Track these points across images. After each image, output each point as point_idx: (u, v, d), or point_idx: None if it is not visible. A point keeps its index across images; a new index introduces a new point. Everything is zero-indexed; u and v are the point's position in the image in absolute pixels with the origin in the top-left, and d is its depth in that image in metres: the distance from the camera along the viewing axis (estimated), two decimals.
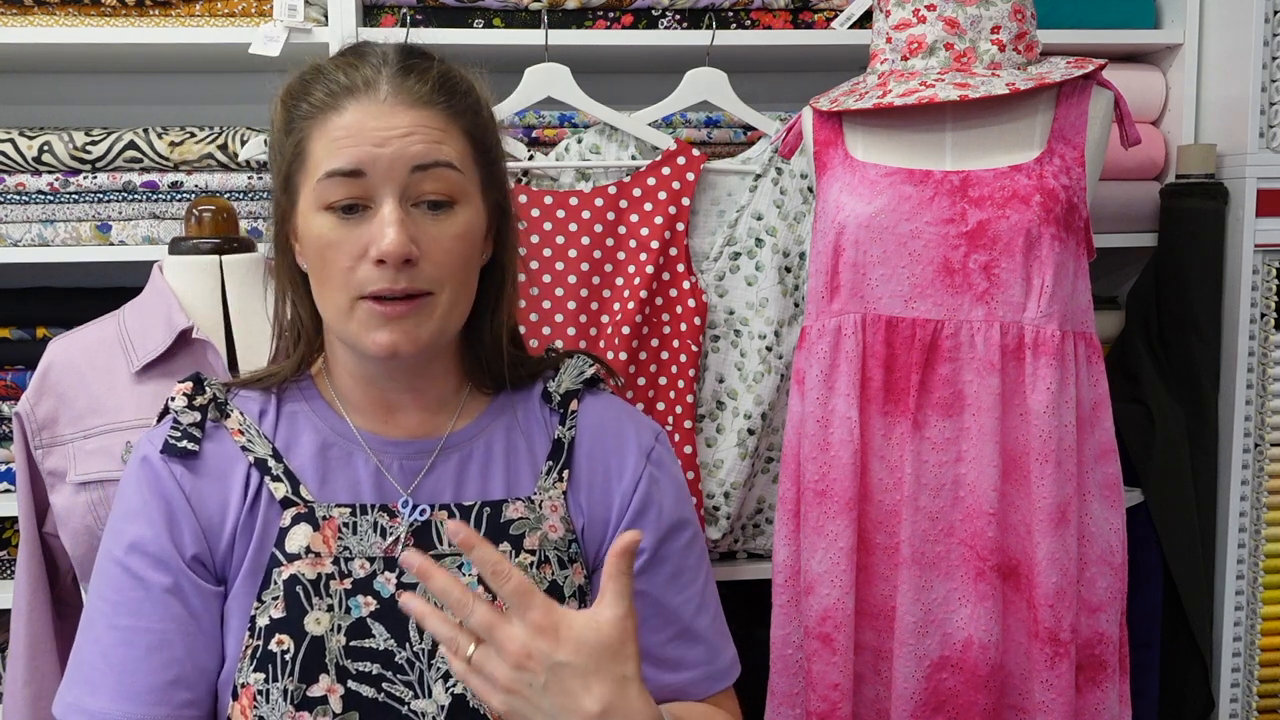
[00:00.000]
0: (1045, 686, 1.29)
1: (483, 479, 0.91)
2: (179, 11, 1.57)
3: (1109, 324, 1.78)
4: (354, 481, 0.88)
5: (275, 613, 0.83)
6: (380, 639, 0.84)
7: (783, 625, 1.41)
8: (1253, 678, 1.68)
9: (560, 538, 0.90)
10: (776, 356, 1.60)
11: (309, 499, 0.86)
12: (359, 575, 0.85)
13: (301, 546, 0.84)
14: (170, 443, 0.87)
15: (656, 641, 0.92)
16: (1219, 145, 1.68)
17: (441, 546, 0.87)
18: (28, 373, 1.59)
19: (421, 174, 0.82)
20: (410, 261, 0.81)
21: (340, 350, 0.91)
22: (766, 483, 1.65)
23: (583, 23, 1.66)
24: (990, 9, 1.31)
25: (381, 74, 0.84)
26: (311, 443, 0.89)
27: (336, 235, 0.82)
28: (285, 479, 0.87)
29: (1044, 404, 1.27)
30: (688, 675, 0.93)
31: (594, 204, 1.56)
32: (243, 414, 0.90)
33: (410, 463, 0.90)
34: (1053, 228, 1.28)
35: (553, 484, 0.91)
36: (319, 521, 0.85)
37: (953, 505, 1.33)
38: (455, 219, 0.84)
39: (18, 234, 1.58)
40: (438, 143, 0.83)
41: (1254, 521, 1.66)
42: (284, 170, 0.87)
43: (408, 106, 0.83)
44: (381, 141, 0.81)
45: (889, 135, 1.37)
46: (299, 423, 0.91)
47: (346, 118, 0.82)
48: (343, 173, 0.81)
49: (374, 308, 0.82)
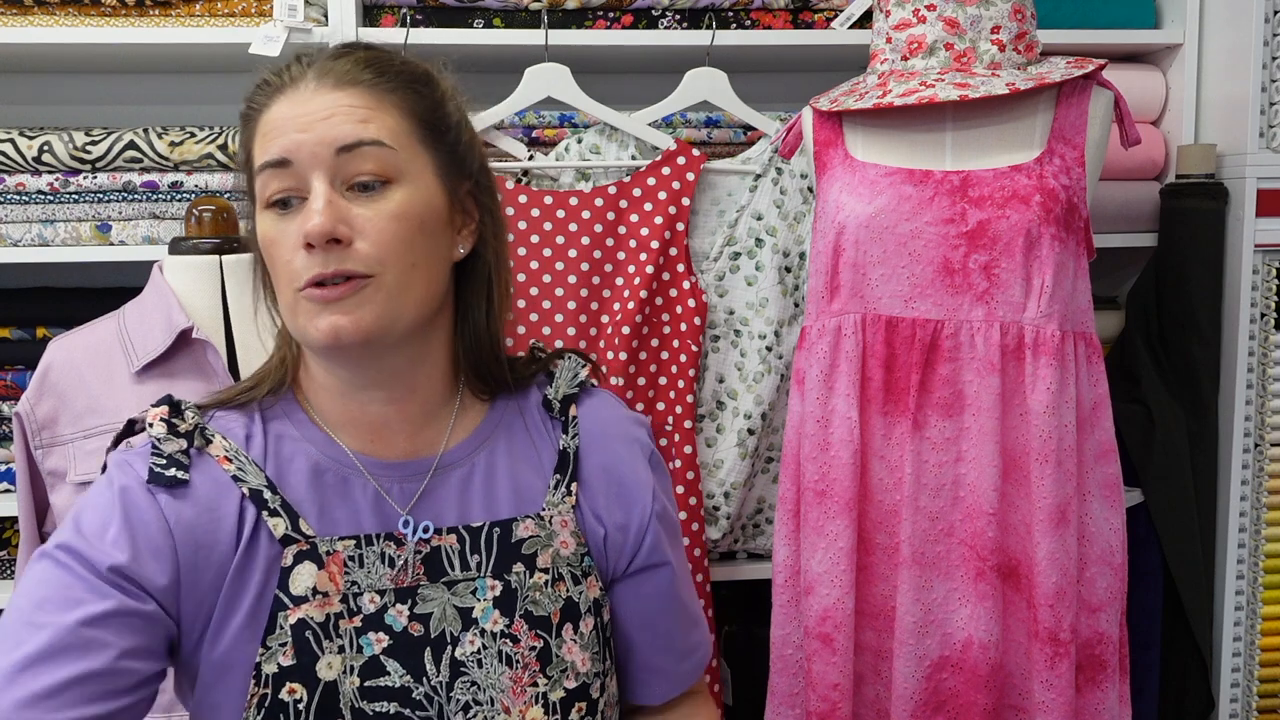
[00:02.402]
0: (1045, 686, 1.29)
1: (487, 496, 0.87)
2: (179, 11, 1.57)
3: (1109, 324, 1.78)
4: (354, 510, 0.83)
5: (284, 660, 0.78)
6: (396, 676, 0.80)
7: (783, 625, 1.41)
8: (1253, 678, 1.68)
9: (572, 553, 0.87)
10: (776, 356, 1.60)
11: (310, 534, 0.81)
12: (369, 610, 0.80)
13: (308, 588, 0.79)
14: (156, 470, 0.79)
15: (679, 637, 0.95)
16: (1219, 145, 1.68)
17: (453, 572, 0.83)
18: (28, 373, 1.59)
19: (349, 154, 0.79)
20: (340, 242, 0.78)
21: (311, 362, 0.86)
22: (766, 483, 1.65)
23: (583, 23, 1.66)
24: (990, 9, 1.31)
25: (311, 67, 0.82)
26: (304, 469, 0.83)
27: (275, 231, 0.80)
28: (284, 513, 0.81)
29: (1044, 404, 1.27)
30: (698, 655, 0.97)
31: (594, 204, 1.56)
32: (226, 439, 0.83)
33: (409, 484, 0.85)
34: (1053, 228, 1.28)
35: (561, 498, 0.88)
36: (323, 558, 0.80)
37: (953, 505, 1.33)
38: (390, 197, 0.80)
39: (18, 234, 1.58)
40: (363, 121, 0.80)
41: (1254, 521, 1.66)
42: (246, 182, 0.86)
43: (330, 89, 0.80)
44: (304, 127, 0.79)
45: (889, 135, 1.37)
46: (287, 447, 0.84)
47: (274, 112, 0.81)
48: (271, 164, 0.79)
49: (312, 295, 0.78)
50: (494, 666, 0.81)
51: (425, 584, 0.82)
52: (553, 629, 0.84)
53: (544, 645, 0.83)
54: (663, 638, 0.93)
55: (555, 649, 0.83)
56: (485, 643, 0.82)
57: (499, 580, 0.84)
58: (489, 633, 0.82)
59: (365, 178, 0.79)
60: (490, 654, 0.82)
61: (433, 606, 0.82)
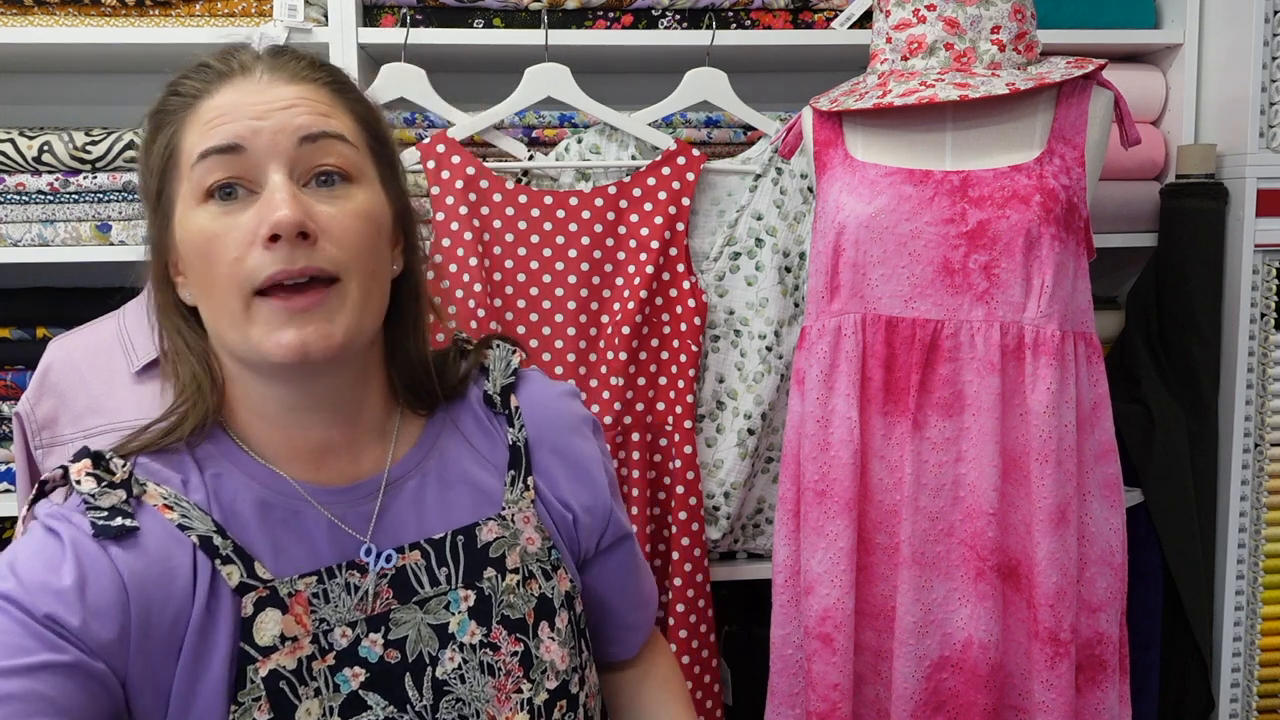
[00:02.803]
0: (1045, 686, 1.29)
1: (444, 505, 0.83)
2: (179, 11, 1.57)
3: (1109, 324, 1.78)
4: (310, 544, 0.77)
5: (260, 716, 0.72)
6: (378, 709, 0.76)
7: (783, 625, 1.41)
8: (1253, 678, 1.68)
9: (539, 549, 0.85)
10: (776, 356, 1.60)
11: (267, 578, 0.74)
12: (342, 646, 0.75)
13: (274, 637, 0.73)
14: (100, 524, 0.70)
15: (642, 589, 0.98)
16: (1219, 145, 1.68)
17: (423, 590, 0.79)
18: (28, 373, 1.59)
19: (311, 145, 0.73)
20: (307, 236, 0.71)
21: (247, 389, 0.78)
22: (766, 483, 1.65)
23: (583, 23, 1.66)
24: (990, 9, 1.31)
25: (259, 60, 0.77)
26: (250, 508, 0.76)
27: (219, 225, 0.72)
28: (237, 559, 0.73)
29: (1044, 404, 1.27)
30: (653, 599, 1.00)
31: (594, 204, 1.56)
32: (161, 485, 0.75)
33: (363, 507, 0.80)
34: (1053, 228, 1.28)
35: (520, 494, 0.85)
36: (286, 601, 0.74)
37: (953, 505, 1.33)
38: (354, 196, 0.75)
39: (18, 234, 1.58)
40: (324, 115, 0.75)
41: (1254, 521, 1.66)
42: (155, 186, 0.77)
43: (286, 82, 0.75)
44: (261, 115, 0.72)
45: (889, 135, 1.37)
46: (228, 486, 0.77)
47: (219, 99, 0.74)
48: (218, 149, 0.72)
49: (274, 303, 0.71)
50: (477, 679, 0.79)
51: (396, 607, 0.78)
52: (529, 630, 0.82)
53: (524, 649, 0.81)
54: (633, 597, 0.96)
55: (534, 650, 0.82)
56: (465, 657, 0.79)
57: (471, 589, 0.81)
58: (468, 646, 0.79)
59: (328, 170, 0.74)
60: (471, 667, 0.79)
61: (407, 630, 0.78)
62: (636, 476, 1.56)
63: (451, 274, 1.53)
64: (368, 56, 1.66)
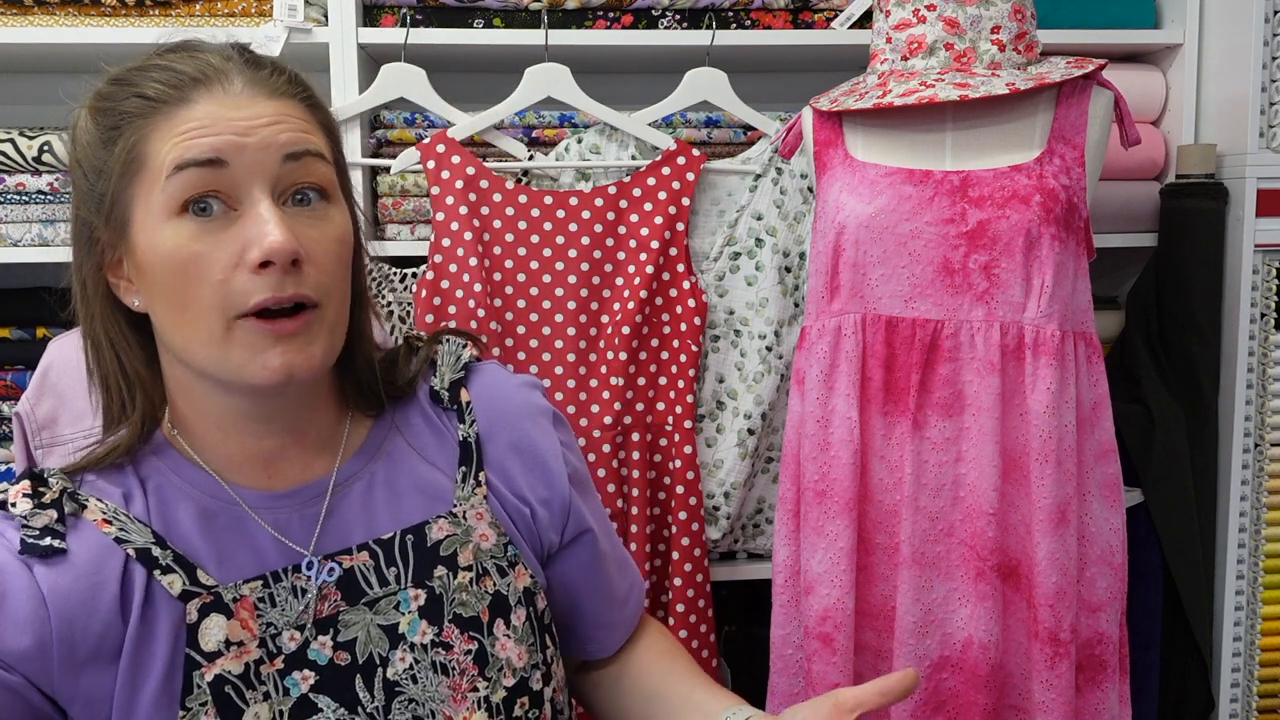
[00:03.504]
0: (1045, 686, 1.29)
1: (393, 505, 0.82)
2: (179, 11, 1.57)
3: (1109, 324, 1.78)
4: (255, 549, 0.77)
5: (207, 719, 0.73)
6: (329, 711, 0.75)
7: (783, 625, 1.41)
8: (1253, 678, 1.68)
9: (494, 545, 0.83)
10: (776, 356, 1.60)
11: (211, 584, 0.75)
12: (290, 649, 0.76)
13: (219, 642, 0.74)
14: (29, 541, 0.72)
15: (615, 587, 0.94)
16: (1219, 145, 1.68)
17: (372, 590, 0.79)
18: (28, 373, 1.59)
19: (294, 164, 0.73)
20: (296, 263, 0.71)
21: (201, 398, 0.78)
22: (766, 483, 1.65)
23: (583, 23, 1.66)
24: (990, 9, 1.31)
25: (231, 63, 0.75)
26: (192, 517, 0.77)
27: (201, 245, 0.70)
28: (178, 567, 0.74)
29: (1044, 404, 1.27)
30: (635, 597, 0.96)
31: (594, 204, 1.56)
32: (103, 500, 0.76)
33: (309, 510, 0.80)
34: (1053, 228, 1.28)
35: (471, 490, 0.84)
36: (230, 607, 0.75)
37: (953, 505, 1.33)
38: (332, 219, 0.75)
39: (18, 234, 1.58)
40: (305, 132, 0.74)
41: (1254, 521, 1.66)
42: (108, 189, 0.73)
43: (267, 97, 0.74)
44: (244, 131, 0.71)
45: (889, 135, 1.37)
46: (170, 496, 0.78)
47: (198, 110, 0.71)
48: (199, 162, 0.70)
49: (259, 326, 0.71)
50: (430, 679, 0.78)
51: (345, 609, 0.78)
52: (484, 628, 0.81)
53: (479, 647, 0.80)
54: (604, 595, 0.92)
55: (489, 648, 0.81)
56: (417, 657, 0.78)
57: (421, 589, 0.80)
58: (419, 646, 0.78)
59: (305, 187, 0.74)
60: (424, 667, 0.78)
61: (356, 631, 0.77)
62: (636, 476, 1.56)
63: (451, 274, 1.53)
64: (368, 56, 1.66)
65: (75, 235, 0.77)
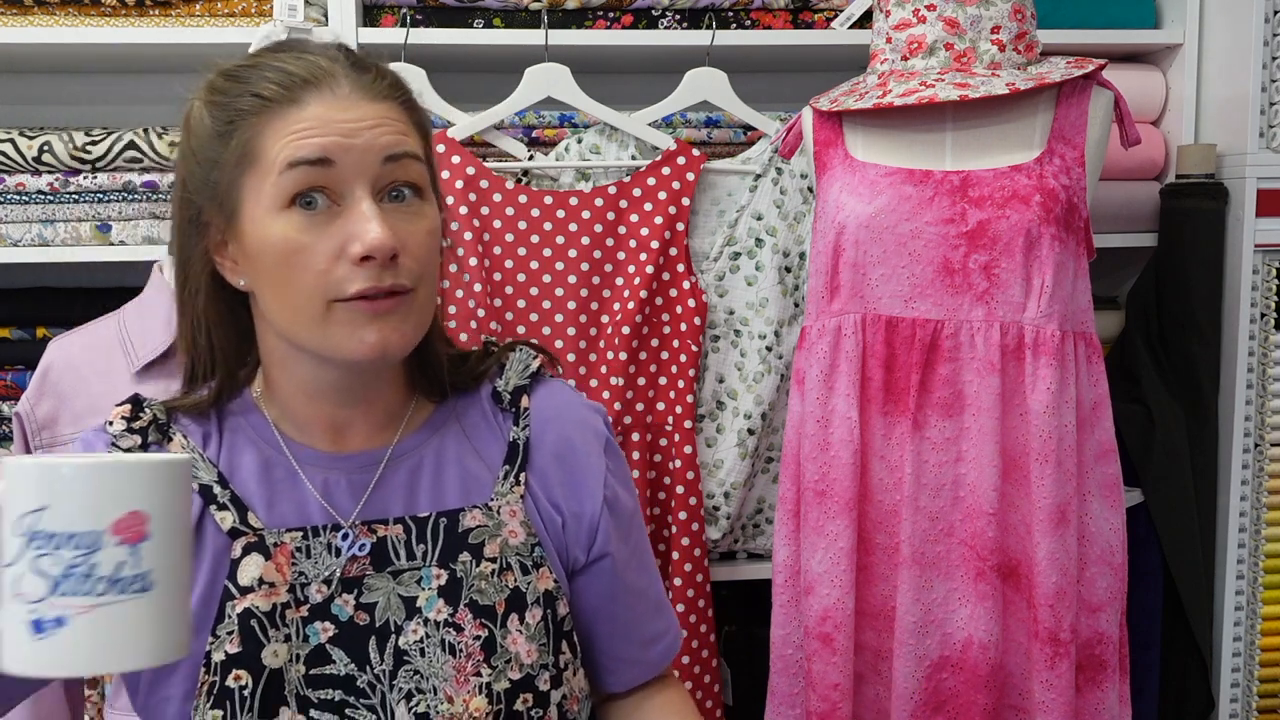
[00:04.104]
0: (1045, 686, 1.29)
1: (435, 488, 0.88)
2: (179, 11, 1.57)
3: (1109, 324, 1.78)
4: (302, 502, 0.85)
5: (231, 648, 0.79)
6: (341, 664, 0.81)
7: (783, 625, 1.41)
8: (1253, 678, 1.68)
9: (521, 543, 0.87)
10: (776, 356, 1.60)
11: (258, 526, 0.83)
12: (316, 600, 0.82)
13: (254, 579, 0.81)
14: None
15: (640, 624, 0.95)
16: (1219, 145, 1.68)
17: (399, 561, 0.84)
18: (28, 373, 1.59)
19: (393, 164, 0.79)
20: (394, 257, 0.78)
21: (294, 365, 0.85)
22: (766, 483, 1.65)
23: (583, 23, 1.66)
24: (990, 9, 1.31)
25: (337, 65, 0.80)
26: (254, 464, 0.86)
27: (307, 237, 0.77)
28: (232, 507, 0.83)
29: (1044, 404, 1.27)
30: (663, 644, 0.97)
31: (594, 204, 1.56)
32: (186, 438, 0.86)
33: (358, 477, 0.86)
34: (1053, 228, 1.28)
35: (510, 488, 0.88)
36: (270, 549, 0.82)
37: (953, 505, 1.33)
38: (425, 214, 0.82)
39: (18, 234, 1.58)
40: (403, 134, 0.81)
41: (1254, 521, 1.66)
42: (220, 181, 0.80)
43: (370, 100, 0.80)
44: (350, 133, 0.78)
45: (889, 135, 1.37)
46: (239, 445, 0.87)
47: (308, 111, 0.78)
48: (309, 161, 0.77)
49: (358, 306, 0.78)
50: (436, 655, 0.82)
51: (371, 574, 0.83)
52: (497, 618, 0.84)
53: (488, 635, 0.83)
54: (622, 627, 0.94)
55: (500, 639, 0.83)
56: (428, 631, 0.82)
57: (444, 569, 0.84)
58: (432, 621, 0.82)
59: (403, 186, 0.80)
60: (433, 643, 0.82)
61: (378, 595, 0.83)
62: (636, 476, 1.56)
63: (451, 274, 1.53)
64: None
65: (181, 217, 0.84)
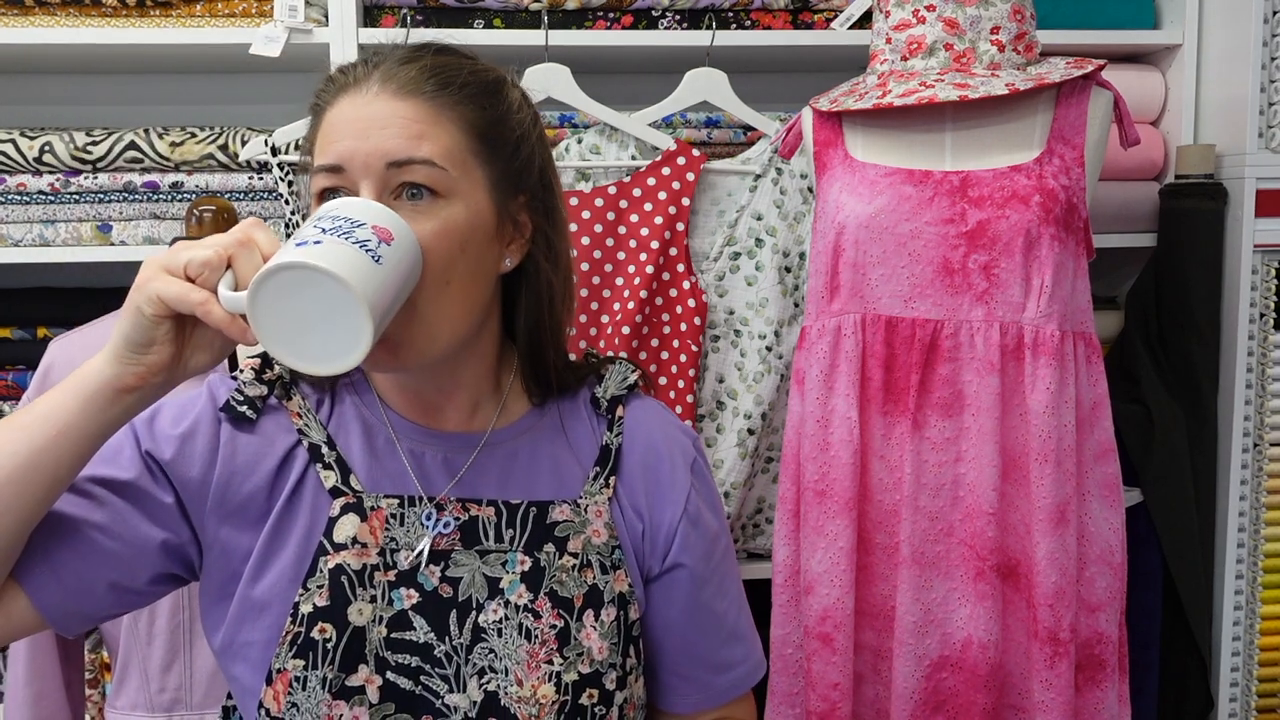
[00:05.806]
0: (1045, 686, 1.29)
1: (528, 478, 0.91)
2: (179, 12, 1.57)
3: (1109, 324, 1.78)
4: (400, 472, 0.88)
5: (319, 601, 0.82)
6: (421, 632, 0.83)
7: (783, 625, 1.41)
8: (1252, 677, 1.68)
9: (604, 543, 0.89)
10: (776, 356, 1.60)
11: (358, 489, 0.87)
12: (403, 567, 0.85)
13: (349, 537, 0.84)
14: (231, 403, 0.87)
15: (711, 648, 0.95)
16: (1218, 145, 1.68)
17: (487, 542, 0.87)
18: (28, 373, 1.59)
19: (398, 170, 0.80)
20: None
21: None
22: (766, 483, 1.65)
23: (583, 23, 1.66)
24: (990, 9, 1.31)
25: (379, 67, 0.83)
26: (359, 432, 0.90)
27: None
28: (336, 467, 0.87)
29: (1043, 404, 1.27)
30: (736, 673, 0.97)
31: (594, 204, 1.56)
32: (305, 400, 0.91)
33: (455, 456, 0.90)
34: (1052, 228, 1.28)
35: (599, 489, 0.91)
36: (367, 512, 0.86)
37: (952, 505, 1.33)
38: (436, 212, 0.81)
39: (18, 234, 1.58)
40: (417, 136, 0.81)
41: (1253, 521, 1.66)
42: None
43: (391, 96, 0.82)
44: (361, 134, 0.81)
45: (889, 135, 1.37)
46: (349, 412, 0.91)
47: (336, 112, 0.83)
48: (324, 168, 0.82)
49: None
50: (513, 638, 0.84)
51: (460, 550, 0.86)
52: (574, 611, 0.86)
53: (564, 626, 0.85)
54: (690, 645, 0.94)
55: (575, 631, 0.85)
56: (508, 613, 0.84)
57: (529, 556, 0.86)
58: (513, 604, 0.85)
59: (413, 186, 0.81)
60: (511, 625, 0.84)
61: (464, 571, 0.85)
62: None
63: None
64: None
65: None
